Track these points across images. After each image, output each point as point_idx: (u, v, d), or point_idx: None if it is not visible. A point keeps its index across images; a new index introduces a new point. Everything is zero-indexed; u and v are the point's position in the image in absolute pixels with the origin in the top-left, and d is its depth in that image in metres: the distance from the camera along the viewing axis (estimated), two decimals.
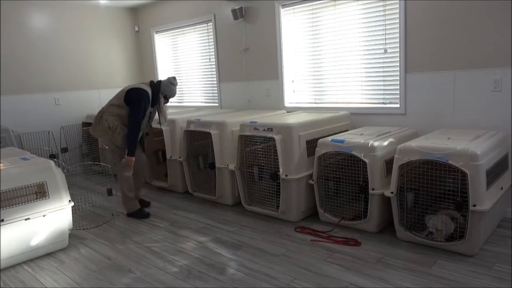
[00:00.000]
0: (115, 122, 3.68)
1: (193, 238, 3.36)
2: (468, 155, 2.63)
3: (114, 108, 3.71)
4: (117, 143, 3.72)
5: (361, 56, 4.08)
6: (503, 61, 3.23)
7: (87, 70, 6.21)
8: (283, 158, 3.45)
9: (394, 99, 3.92)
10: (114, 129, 3.68)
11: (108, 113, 3.70)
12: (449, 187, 2.82)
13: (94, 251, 3.20)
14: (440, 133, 3.31)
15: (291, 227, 3.45)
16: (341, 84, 4.32)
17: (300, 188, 3.48)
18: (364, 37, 4.03)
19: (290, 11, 4.60)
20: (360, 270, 2.65)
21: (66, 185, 3.19)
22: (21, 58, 5.50)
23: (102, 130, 3.72)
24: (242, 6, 4.95)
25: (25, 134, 5.50)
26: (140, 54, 6.88)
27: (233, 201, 4.11)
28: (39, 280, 2.78)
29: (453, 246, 2.78)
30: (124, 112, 3.68)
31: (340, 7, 4.15)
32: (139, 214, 3.91)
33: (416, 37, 3.65)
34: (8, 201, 2.90)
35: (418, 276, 2.53)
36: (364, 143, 3.13)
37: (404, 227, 2.99)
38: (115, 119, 3.69)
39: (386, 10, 3.83)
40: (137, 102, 3.63)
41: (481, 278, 2.46)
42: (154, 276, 2.73)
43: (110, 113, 3.70)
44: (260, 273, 2.68)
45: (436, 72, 3.58)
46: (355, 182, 3.30)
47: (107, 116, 3.69)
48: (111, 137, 3.70)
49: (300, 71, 4.67)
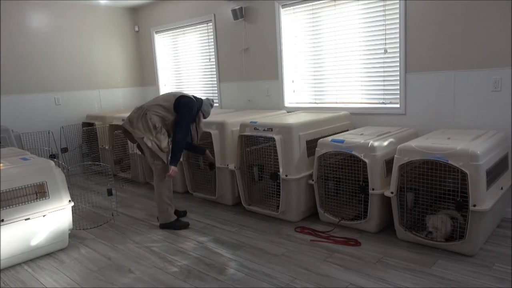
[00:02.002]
0: (159, 123, 3.42)
1: (193, 238, 3.36)
2: (468, 155, 2.63)
3: (160, 109, 3.44)
4: (161, 145, 3.40)
5: (361, 56, 4.08)
6: (503, 61, 3.23)
7: (87, 70, 6.21)
8: (283, 158, 3.45)
9: (394, 99, 3.92)
10: (159, 130, 3.41)
11: (154, 112, 3.43)
12: (449, 187, 2.82)
13: (94, 251, 3.20)
14: (440, 133, 3.31)
15: (291, 227, 3.45)
16: (341, 84, 4.32)
17: (300, 188, 3.48)
18: (364, 37, 4.03)
19: (290, 11, 4.60)
20: (360, 270, 2.65)
21: (66, 185, 3.19)
22: (21, 58, 5.51)
23: (144, 128, 3.40)
24: (242, 6, 4.95)
25: (25, 134, 5.50)
26: (140, 54, 6.89)
27: (233, 201, 4.11)
28: (39, 280, 2.78)
29: (453, 246, 2.78)
30: (170, 117, 3.45)
31: (340, 7, 4.15)
32: (177, 225, 3.57)
33: (416, 37, 3.65)
34: (8, 201, 2.90)
35: (418, 276, 2.53)
36: (364, 143, 3.13)
37: (404, 227, 2.99)
38: (160, 120, 3.43)
39: (386, 10, 3.83)
40: (189, 111, 3.43)
41: (481, 278, 2.46)
42: (154, 276, 2.73)
43: (155, 113, 3.43)
44: (260, 273, 2.68)
45: (436, 72, 3.58)
46: (355, 182, 3.30)
47: (152, 115, 3.41)
48: (154, 137, 3.39)
49: (300, 71, 4.67)
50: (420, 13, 3.58)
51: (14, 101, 5.47)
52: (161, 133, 3.43)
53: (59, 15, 5.83)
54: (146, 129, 3.40)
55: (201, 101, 3.61)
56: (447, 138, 3.05)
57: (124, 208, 4.26)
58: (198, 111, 3.57)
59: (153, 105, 3.47)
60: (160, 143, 3.41)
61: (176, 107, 3.45)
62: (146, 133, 3.39)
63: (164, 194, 3.52)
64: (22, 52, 5.50)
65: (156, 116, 3.43)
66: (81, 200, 4.61)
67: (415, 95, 3.73)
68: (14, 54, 5.43)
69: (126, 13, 6.64)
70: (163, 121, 3.46)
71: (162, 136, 3.43)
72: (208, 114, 3.69)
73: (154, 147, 3.39)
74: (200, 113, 3.60)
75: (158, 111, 3.44)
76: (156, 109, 3.45)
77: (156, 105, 3.47)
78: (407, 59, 3.73)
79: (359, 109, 4.15)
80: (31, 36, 5.57)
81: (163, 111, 3.45)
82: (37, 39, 5.63)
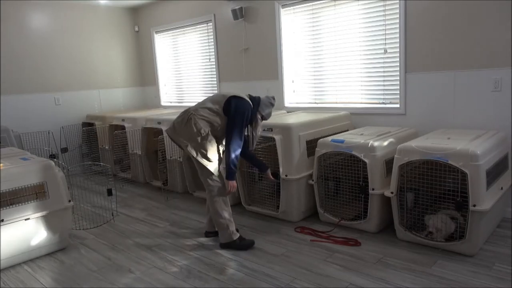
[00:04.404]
0: (206, 128, 2.98)
1: (193, 238, 3.35)
2: (468, 155, 2.62)
3: (208, 113, 3.00)
4: (209, 155, 2.98)
5: (361, 56, 4.08)
6: (503, 61, 3.23)
7: (87, 70, 6.21)
8: (283, 158, 3.45)
9: (394, 99, 3.92)
10: (205, 136, 2.97)
11: (200, 116, 2.98)
12: (449, 187, 2.82)
13: (94, 251, 3.20)
14: (440, 133, 3.31)
15: (291, 227, 3.45)
16: (341, 84, 4.31)
17: (300, 188, 3.48)
18: (364, 37, 4.03)
19: (290, 11, 4.60)
20: (360, 270, 2.65)
21: (66, 185, 3.19)
22: (21, 58, 5.50)
23: (189, 134, 2.97)
24: (242, 6, 4.95)
25: (25, 134, 5.49)
26: (140, 54, 6.88)
27: (233, 201, 4.10)
28: (39, 280, 2.78)
29: (453, 246, 2.78)
30: (219, 122, 3.00)
31: (340, 7, 4.15)
32: (241, 244, 3.09)
33: (416, 37, 3.65)
34: (8, 201, 2.90)
35: (418, 276, 2.53)
36: (364, 143, 3.13)
37: (404, 227, 2.99)
38: (207, 126, 2.99)
39: (386, 10, 3.83)
40: (242, 114, 2.95)
41: (481, 278, 2.46)
42: (154, 276, 2.73)
43: (201, 117, 2.98)
44: (260, 273, 2.68)
45: (436, 72, 3.58)
46: (355, 182, 3.30)
47: (198, 120, 2.97)
48: (199, 144, 2.97)
49: (300, 71, 4.67)
50: (420, 13, 3.58)
51: (14, 101, 5.47)
52: (208, 140, 2.98)
53: (59, 15, 5.83)
54: (190, 136, 2.97)
55: (258, 100, 3.11)
56: (447, 138, 3.05)
57: (124, 208, 4.26)
58: (255, 113, 3.07)
59: (200, 108, 3.03)
60: (207, 152, 2.98)
61: (227, 110, 2.99)
62: (190, 141, 2.97)
63: (221, 209, 3.08)
64: (22, 52, 5.50)
65: (203, 120, 2.98)
66: (81, 200, 4.61)
67: (415, 95, 3.73)
68: (14, 54, 5.43)
69: (126, 13, 6.64)
70: (212, 126, 3.01)
71: (209, 144, 2.98)
72: (268, 116, 3.16)
73: (199, 157, 2.98)
74: (258, 114, 3.09)
75: (205, 115, 3.00)
76: (202, 112, 3.00)
77: (204, 108, 3.02)
78: (407, 59, 3.73)
79: (359, 109, 4.14)
80: (31, 36, 5.57)
81: (211, 114, 3.00)
82: (37, 39, 5.63)
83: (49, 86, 5.79)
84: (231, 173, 2.96)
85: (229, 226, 3.08)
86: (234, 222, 3.12)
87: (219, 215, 3.06)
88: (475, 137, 3.00)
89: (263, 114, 3.10)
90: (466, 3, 3.34)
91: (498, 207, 3.06)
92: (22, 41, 5.49)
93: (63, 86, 5.95)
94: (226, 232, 3.08)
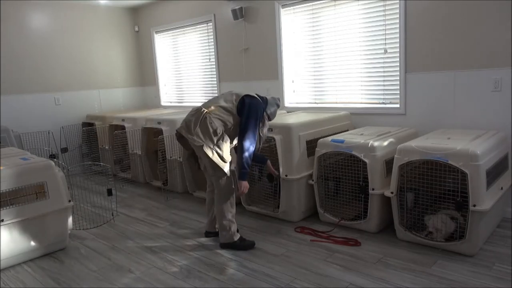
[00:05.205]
0: (220, 128, 2.91)
1: (193, 238, 3.35)
2: (468, 155, 2.62)
3: (222, 112, 2.94)
4: (224, 155, 2.91)
5: (361, 56, 4.08)
6: (503, 61, 3.23)
7: (87, 70, 6.21)
8: (283, 158, 3.45)
9: (394, 99, 3.92)
10: (220, 136, 2.90)
11: (215, 115, 2.91)
12: (449, 187, 2.82)
13: (94, 251, 3.20)
14: (440, 133, 3.31)
15: (291, 227, 3.45)
16: (341, 84, 4.31)
17: (300, 188, 3.48)
18: (364, 37, 4.03)
19: (290, 11, 4.60)
20: (360, 270, 2.65)
21: (66, 185, 3.19)
22: (21, 58, 5.51)
23: (204, 133, 2.88)
24: (242, 6, 4.95)
25: (25, 134, 5.49)
26: (140, 54, 6.88)
27: None
28: (39, 280, 2.78)
29: (453, 246, 2.78)
30: (232, 121, 2.95)
31: (340, 7, 4.15)
32: (241, 245, 3.08)
33: (416, 37, 3.65)
34: (8, 201, 2.90)
35: (418, 276, 2.53)
36: (364, 143, 3.13)
37: (404, 227, 2.99)
38: (221, 125, 2.92)
39: (386, 10, 3.83)
40: (256, 114, 2.93)
41: (481, 278, 2.46)
42: (154, 276, 2.73)
43: (216, 116, 2.91)
44: (260, 273, 2.68)
45: (436, 72, 3.58)
46: (355, 182, 3.30)
47: (214, 119, 2.90)
48: (215, 144, 2.89)
49: (300, 71, 4.67)
50: (420, 13, 3.58)
51: (14, 101, 5.47)
52: (223, 140, 2.91)
53: (59, 15, 5.83)
54: (206, 136, 2.87)
55: (266, 100, 3.11)
56: (447, 138, 3.05)
57: (124, 208, 4.26)
58: (263, 112, 3.06)
59: (215, 107, 2.97)
60: (223, 153, 2.91)
61: (240, 109, 2.95)
62: (206, 140, 2.87)
63: (227, 210, 3.04)
64: (22, 52, 5.50)
65: (218, 119, 2.92)
66: (81, 200, 4.61)
67: (415, 95, 3.73)
68: (14, 54, 5.43)
69: (126, 13, 6.64)
70: (225, 126, 2.95)
71: (224, 144, 2.92)
72: (273, 116, 3.16)
73: (215, 157, 2.89)
74: (265, 115, 3.07)
75: (220, 115, 2.93)
76: (217, 112, 2.94)
77: (219, 106, 2.96)
78: (407, 59, 3.73)
79: (359, 109, 4.15)
80: (31, 36, 5.57)
81: (225, 114, 2.94)
82: (37, 39, 5.63)
83: (49, 86, 5.80)
84: (244, 173, 2.93)
85: (231, 227, 3.07)
86: (236, 223, 3.12)
87: (224, 216, 3.04)
88: (475, 137, 3.00)
89: (270, 114, 3.11)
90: (466, 3, 3.34)
91: (498, 207, 3.06)
92: (22, 41, 5.49)
93: (63, 86, 5.95)
94: (228, 232, 3.07)
